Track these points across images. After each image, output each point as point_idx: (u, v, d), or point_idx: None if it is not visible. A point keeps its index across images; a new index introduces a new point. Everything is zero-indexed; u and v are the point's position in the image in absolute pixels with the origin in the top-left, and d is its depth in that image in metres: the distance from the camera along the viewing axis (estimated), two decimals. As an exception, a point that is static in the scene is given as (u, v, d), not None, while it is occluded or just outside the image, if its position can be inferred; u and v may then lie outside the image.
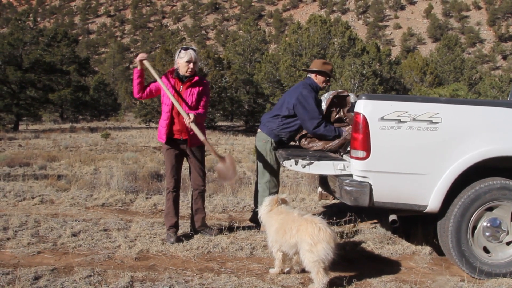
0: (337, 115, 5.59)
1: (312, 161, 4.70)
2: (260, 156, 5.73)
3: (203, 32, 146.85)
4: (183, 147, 5.33)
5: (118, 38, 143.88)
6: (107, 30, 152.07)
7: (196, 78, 5.26)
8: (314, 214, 4.25)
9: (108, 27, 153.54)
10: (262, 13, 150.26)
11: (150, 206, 6.96)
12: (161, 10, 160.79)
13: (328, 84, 5.79)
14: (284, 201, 4.39)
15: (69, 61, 45.71)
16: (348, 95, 5.60)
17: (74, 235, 5.29)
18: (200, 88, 5.27)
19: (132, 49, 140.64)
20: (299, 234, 3.92)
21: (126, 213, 6.59)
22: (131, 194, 7.64)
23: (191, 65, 5.18)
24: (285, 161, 4.82)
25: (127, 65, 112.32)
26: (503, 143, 4.33)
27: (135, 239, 5.22)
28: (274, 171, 5.70)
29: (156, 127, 37.11)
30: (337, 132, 5.38)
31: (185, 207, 6.70)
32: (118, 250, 4.87)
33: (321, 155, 4.93)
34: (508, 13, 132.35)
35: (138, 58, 5.21)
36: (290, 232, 4.00)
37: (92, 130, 31.57)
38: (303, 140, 5.59)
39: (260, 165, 5.75)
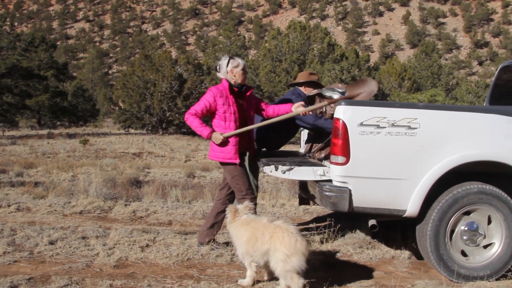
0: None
1: (292, 167, 4.71)
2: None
3: (183, 37, 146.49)
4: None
5: (97, 43, 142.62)
6: (85, 35, 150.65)
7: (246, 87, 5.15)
8: (283, 220, 4.25)
9: (87, 32, 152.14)
10: (242, 19, 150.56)
11: (129, 213, 6.90)
12: (141, 15, 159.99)
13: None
14: (245, 212, 4.25)
15: (47, 67, 45.14)
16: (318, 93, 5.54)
17: (51, 243, 5.20)
18: (250, 93, 5.18)
19: (111, 54, 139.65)
20: (272, 241, 3.84)
21: (104, 220, 6.52)
22: (110, 201, 7.56)
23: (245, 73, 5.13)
24: (265, 167, 4.81)
25: (106, 70, 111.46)
26: (480, 148, 4.40)
27: (114, 247, 5.15)
28: (250, 176, 5.67)
29: (136, 133, 36.88)
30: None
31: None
32: (97, 258, 4.81)
33: (301, 161, 4.94)
34: (484, 20, 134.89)
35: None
36: (262, 239, 3.93)
37: (70, 136, 31.18)
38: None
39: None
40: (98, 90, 73.57)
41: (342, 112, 4.29)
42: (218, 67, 5.08)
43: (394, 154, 4.29)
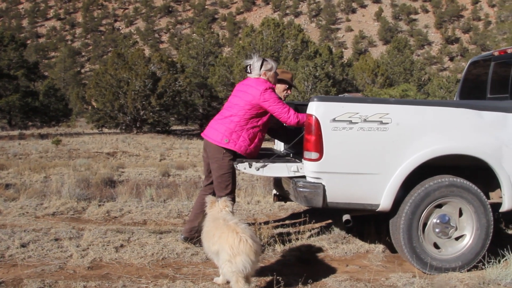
0: None
1: (266, 163, 4.71)
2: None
3: (156, 35, 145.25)
4: None
5: (69, 42, 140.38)
6: (57, 33, 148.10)
7: None
8: (246, 222, 4.24)
9: (58, 31, 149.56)
10: (216, 16, 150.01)
11: (103, 213, 6.81)
12: (113, 13, 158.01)
13: (289, 92, 5.73)
14: (222, 206, 4.23)
15: (17, 66, 44.23)
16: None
17: (23, 246, 5.09)
18: None
19: (83, 53, 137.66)
20: (220, 242, 3.79)
21: (78, 221, 6.43)
22: (83, 201, 7.45)
23: None
24: (239, 164, 4.81)
25: (78, 69, 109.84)
26: (450, 142, 4.48)
27: (88, 248, 5.08)
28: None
29: (110, 133, 36.45)
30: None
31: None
32: (70, 259, 4.73)
33: (275, 158, 4.95)
34: (454, 17, 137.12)
35: None
36: (212, 239, 3.92)
37: (42, 136, 30.65)
38: None
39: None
40: (70, 89, 72.50)
41: (314, 108, 4.30)
42: (249, 68, 5.00)
43: (367, 149, 4.34)
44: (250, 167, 4.74)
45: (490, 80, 6.21)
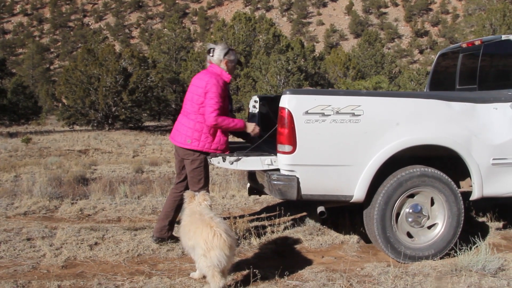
0: None
1: (240, 157, 4.71)
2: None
3: (127, 30, 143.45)
4: None
5: (37, 38, 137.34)
6: (24, 29, 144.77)
7: None
8: (221, 216, 4.24)
9: (25, 27, 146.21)
10: (187, 11, 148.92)
11: (76, 211, 6.72)
12: (82, 9, 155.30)
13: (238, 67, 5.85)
14: (201, 200, 4.22)
15: (-17, 63, 43.12)
16: None
17: (-6, 246, 5.00)
18: None
19: (52, 49, 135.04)
20: (195, 237, 3.78)
21: (50, 220, 6.32)
22: (56, 200, 7.33)
23: None
24: (212, 158, 4.80)
25: (47, 66, 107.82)
26: (421, 133, 4.55)
27: (61, 247, 5.01)
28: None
29: (81, 130, 35.92)
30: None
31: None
32: (43, 259, 4.66)
33: (249, 151, 4.95)
34: (423, 10, 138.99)
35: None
36: (188, 234, 3.92)
37: (11, 135, 29.98)
38: None
39: None
40: (39, 86, 71.10)
41: (287, 101, 4.32)
42: (212, 51, 4.97)
43: (340, 141, 4.37)
44: (224, 161, 4.73)
45: (458, 72, 6.32)
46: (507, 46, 5.30)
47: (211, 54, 4.98)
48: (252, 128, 4.95)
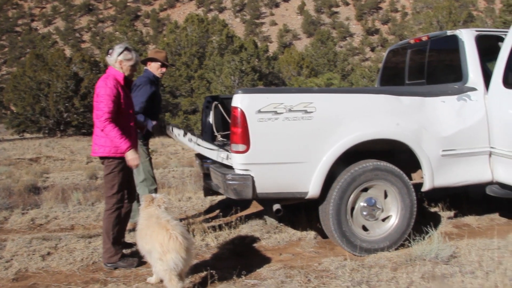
0: None
1: (199, 138, 4.69)
2: None
3: (77, 34, 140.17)
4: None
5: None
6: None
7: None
8: (178, 219, 4.19)
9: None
10: (139, 13, 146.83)
11: (27, 221, 6.49)
12: (30, 13, 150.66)
13: (163, 70, 5.82)
14: (159, 203, 4.11)
15: None
16: None
17: None
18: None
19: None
20: (151, 241, 3.73)
21: (0, 232, 6.09)
22: (5, 211, 7.06)
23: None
24: (174, 128, 4.76)
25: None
26: (373, 128, 4.63)
27: (12, 259, 4.82)
28: (147, 167, 5.58)
29: (32, 137, 34.86)
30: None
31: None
32: (-8, 272, 4.48)
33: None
34: (373, 9, 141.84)
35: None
36: (145, 238, 3.87)
37: (-43, 145, 28.81)
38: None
39: None
40: (-14, 94, 68.56)
41: (239, 101, 4.31)
42: (110, 51, 4.73)
43: (293, 138, 4.39)
44: (184, 136, 4.71)
45: (407, 67, 6.47)
46: (452, 41, 5.45)
47: (108, 55, 4.72)
48: (131, 157, 4.45)
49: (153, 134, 5.63)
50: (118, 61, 4.63)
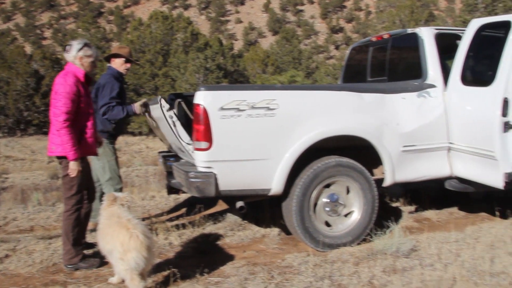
0: None
1: (178, 121, 4.77)
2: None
3: (38, 31, 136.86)
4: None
5: None
6: None
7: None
8: (141, 218, 4.14)
9: None
10: (102, 10, 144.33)
11: (-17, 223, 6.31)
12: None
13: (128, 66, 5.77)
14: (122, 202, 4.05)
15: None
16: None
17: None
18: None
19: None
20: (112, 240, 3.67)
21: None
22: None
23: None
24: (162, 100, 4.84)
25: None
26: (335, 124, 4.67)
27: (-33, 262, 4.68)
28: (113, 166, 5.49)
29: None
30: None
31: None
32: None
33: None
34: (338, 7, 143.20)
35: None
36: (106, 238, 3.80)
37: None
38: None
39: (97, 162, 5.45)
40: None
41: (202, 98, 4.28)
42: (67, 48, 4.55)
43: (256, 135, 4.40)
44: (161, 108, 4.78)
45: (369, 64, 6.55)
46: (412, 39, 5.55)
47: (66, 52, 4.56)
48: (72, 168, 4.33)
49: (133, 120, 5.59)
50: (78, 57, 4.51)
